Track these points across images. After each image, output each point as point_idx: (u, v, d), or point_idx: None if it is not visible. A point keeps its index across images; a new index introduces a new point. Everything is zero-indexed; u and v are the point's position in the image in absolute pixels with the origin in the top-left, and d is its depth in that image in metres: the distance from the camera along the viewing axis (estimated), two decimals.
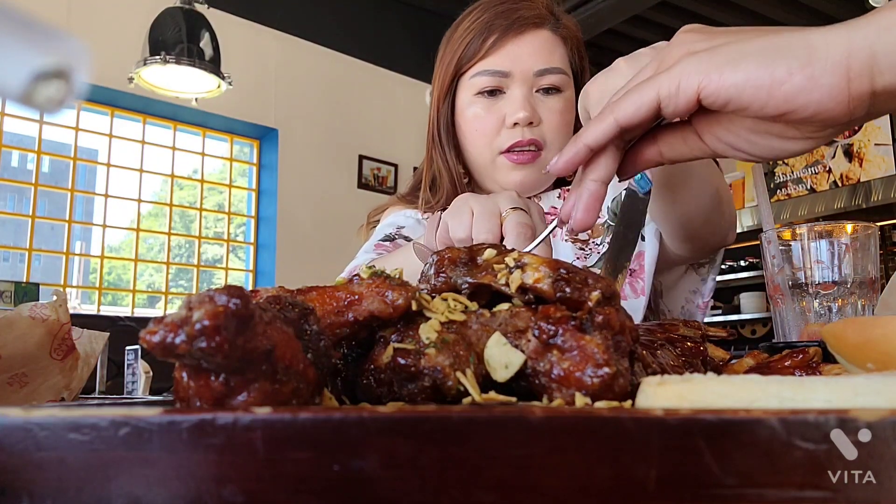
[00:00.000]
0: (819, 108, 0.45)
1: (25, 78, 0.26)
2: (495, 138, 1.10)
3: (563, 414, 0.26)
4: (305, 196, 4.47)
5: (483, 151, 1.12)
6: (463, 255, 0.43)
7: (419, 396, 0.36)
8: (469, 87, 1.12)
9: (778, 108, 0.46)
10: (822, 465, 0.25)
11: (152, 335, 0.28)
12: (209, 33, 2.75)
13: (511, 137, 1.09)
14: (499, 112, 1.10)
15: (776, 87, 0.45)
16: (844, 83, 0.44)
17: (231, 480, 0.25)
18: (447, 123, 1.16)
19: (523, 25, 1.10)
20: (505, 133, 1.10)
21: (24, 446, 0.27)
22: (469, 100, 1.12)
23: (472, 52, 1.11)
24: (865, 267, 0.78)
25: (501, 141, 1.10)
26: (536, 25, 1.11)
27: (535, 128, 1.09)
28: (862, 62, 0.44)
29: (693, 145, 0.53)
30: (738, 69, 0.46)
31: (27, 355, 0.69)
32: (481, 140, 1.12)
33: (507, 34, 1.09)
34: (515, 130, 1.09)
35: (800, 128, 0.48)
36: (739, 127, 0.50)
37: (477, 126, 1.12)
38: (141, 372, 2.09)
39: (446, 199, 1.16)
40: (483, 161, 1.13)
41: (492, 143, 1.11)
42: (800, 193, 5.31)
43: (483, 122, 1.11)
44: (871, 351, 0.45)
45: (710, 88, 0.46)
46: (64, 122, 3.78)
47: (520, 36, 1.10)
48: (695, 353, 0.54)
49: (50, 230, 4.08)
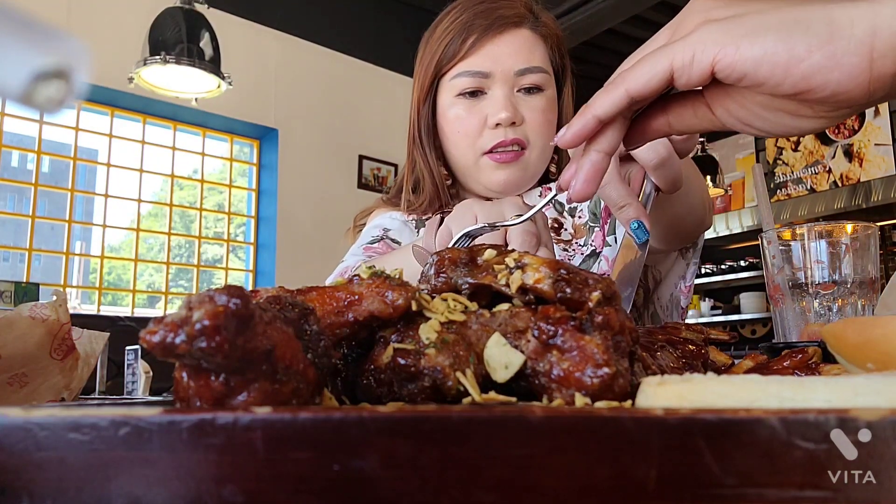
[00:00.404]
0: (837, 88, 0.43)
1: (25, 78, 0.26)
2: (478, 139, 1.10)
3: (563, 414, 0.26)
4: (305, 196, 4.47)
5: (466, 153, 1.12)
6: (463, 256, 0.43)
7: (419, 396, 0.36)
8: (450, 89, 1.12)
9: (795, 87, 0.44)
10: (822, 465, 0.25)
11: (152, 335, 0.28)
12: (209, 33, 2.75)
13: (494, 138, 1.09)
14: (480, 113, 1.09)
15: (794, 64, 0.43)
16: (867, 63, 0.42)
17: (231, 480, 0.25)
18: (428, 125, 1.16)
19: (503, 25, 1.09)
20: (487, 133, 1.10)
21: (24, 446, 0.27)
22: (450, 101, 1.12)
23: (452, 52, 1.10)
24: (865, 267, 0.78)
25: (484, 141, 1.10)
26: (516, 25, 1.10)
27: (518, 127, 1.09)
28: (886, 41, 0.41)
29: (703, 117, 0.51)
30: (755, 43, 0.43)
31: (27, 355, 0.69)
32: (464, 141, 1.11)
33: (486, 34, 1.08)
34: (498, 131, 1.09)
35: (814, 107, 0.46)
36: (752, 102, 0.48)
37: (459, 127, 1.11)
38: (141, 372, 2.09)
39: (429, 201, 1.17)
40: (466, 162, 1.13)
41: (474, 144, 1.10)
42: (800, 193, 5.31)
43: (465, 124, 1.10)
44: (871, 351, 0.45)
45: (725, 62, 0.44)
46: (64, 122, 3.78)
47: (499, 36, 1.09)
48: (696, 355, 0.54)
49: (50, 230, 4.08)
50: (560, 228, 1.17)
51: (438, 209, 1.19)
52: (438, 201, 1.18)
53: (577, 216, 1.17)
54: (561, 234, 1.16)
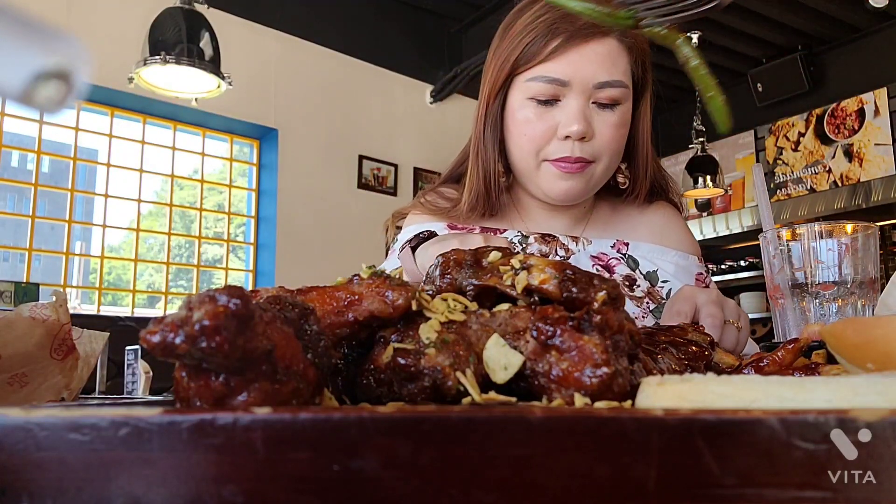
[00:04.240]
0: None
1: (25, 78, 0.26)
2: (544, 147, 1.05)
3: (562, 414, 0.26)
4: (305, 196, 4.48)
5: (528, 157, 1.07)
6: (468, 258, 0.43)
7: (419, 396, 0.36)
8: (523, 89, 1.05)
9: None
10: (822, 465, 0.25)
11: (152, 335, 0.28)
12: (209, 33, 2.74)
13: (560, 150, 1.04)
14: (551, 120, 1.04)
15: None
16: None
17: (231, 480, 0.25)
18: (496, 121, 1.10)
19: (589, 33, 1.02)
20: (555, 143, 1.04)
21: (24, 446, 0.27)
22: (521, 102, 1.06)
23: (532, 53, 1.04)
24: (865, 267, 0.78)
25: (550, 150, 1.05)
26: (603, 33, 1.03)
27: (586, 143, 1.04)
28: None
29: None
30: None
31: (27, 355, 0.69)
32: (528, 145, 1.06)
33: (571, 41, 1.02)
34: (566, 143, 1.03)
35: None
36: None
37: (526, 131, 1.05)
38: (141, 372, 2.09)
39: (476, 199, 1.12)
40: (527, 166, 1.08)
41: (539, 151, 1.06)
42: (800, 193, 5.31)
43: (533, 128, 1.05)
44: (871, 351, 0.45)
45: None
46: (64, 122, 3.78)
47: (584, 44, 1.02)
48: (699, 356, 0.54)
49: (50, 230, 4.08)
50: (633, 285, 1.13)
51: (482, 213, 1.14)
52: (486, 203, 1.12)
53: (658, 285, 1.14)
54: (634, 290, 1.13)
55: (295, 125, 4.49)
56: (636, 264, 1.15)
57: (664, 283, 1.14)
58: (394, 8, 4.97)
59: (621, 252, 1.16)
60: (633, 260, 1.15)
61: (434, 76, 5.06)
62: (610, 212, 1.21)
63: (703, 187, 4.67)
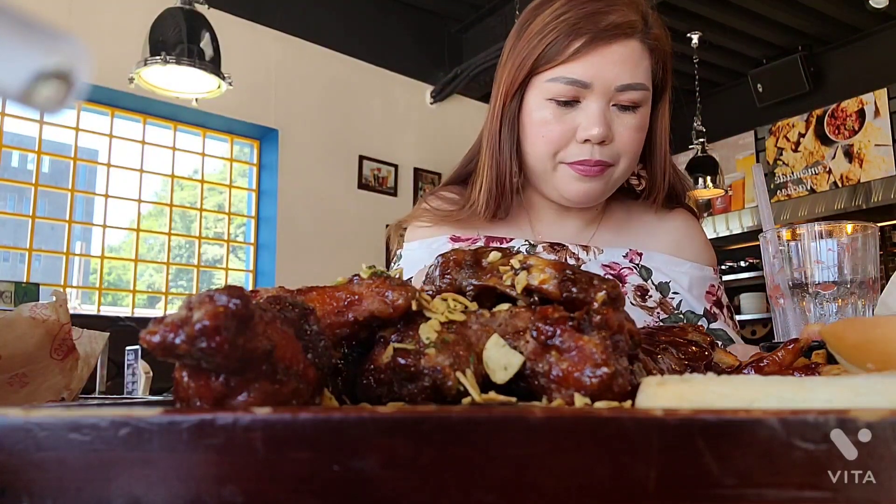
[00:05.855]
0: None
1: (25, 78, 0.26)
2: (562, 149, 1.03)
3: (562, 414, 0.26)
4: (305, 196, 4.48)
5: (543, 158, 1.04)
6: (468, 258, 0.43)
7: (419, 396, 0.36)
8: (542, 90, 1.03)
9: None
10: (822, 465, 0.25)
11: (152, 335, 0.28)
12: (209, 33, 2.74)
13: (579, 153, 1.01)
14: (571, 122, 1.01)
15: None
16: None
17: (231, 480, 0.25)
18: (513, 121, 1.06)
19: (613, 35, 1.00)
20: (573, 146, 1.02)
21: (24, 446, 0.27)
22: (539, 102, 1.03)
23: (553, 53, 1.01)
24: (865, 267, 0.78)
25: (568, 153, 1.02)
26: (627, 35, 1.01)
27: (606, 147, 1.02)
28: None
29: None
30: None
31: (27, 355, 0.69)
32: (545, 147, 1.03)
33: (594, 42, 0.99)
34: (585, 147, 1.01)
35: None
36: None
37: (544, 132, 1.03)
38: (141, 372, 2.09)
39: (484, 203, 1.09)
40: (543, 167, 1.05)
41: (556, 153, 1.03)
42: (800, 194, 5.31)
43: (551, 130, 1.02)
44: (871, 351, 0.45)
45: None
46: (64, 122, 3.78)
47: (607, 46, 1.00)
48: (698, 357, 0.54)
49: (50, 230, 4.08)
50: (645, 295, 1.11)
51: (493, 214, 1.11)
52: (498, 203, 1.10)
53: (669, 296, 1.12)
54: (646, 300, 1.10)
55: (295, 125, 4.50)
56: (649, 274, 1.13)
57: (675, 294, 1.12)
58: (394, 8, 4.97)
59: (634, 262, 1.14)
60: (645, 270, 1.14)
61: (434, 76, 5.06)
62: (624, 214, 1.19)
63: (704, 188, 4.67)
